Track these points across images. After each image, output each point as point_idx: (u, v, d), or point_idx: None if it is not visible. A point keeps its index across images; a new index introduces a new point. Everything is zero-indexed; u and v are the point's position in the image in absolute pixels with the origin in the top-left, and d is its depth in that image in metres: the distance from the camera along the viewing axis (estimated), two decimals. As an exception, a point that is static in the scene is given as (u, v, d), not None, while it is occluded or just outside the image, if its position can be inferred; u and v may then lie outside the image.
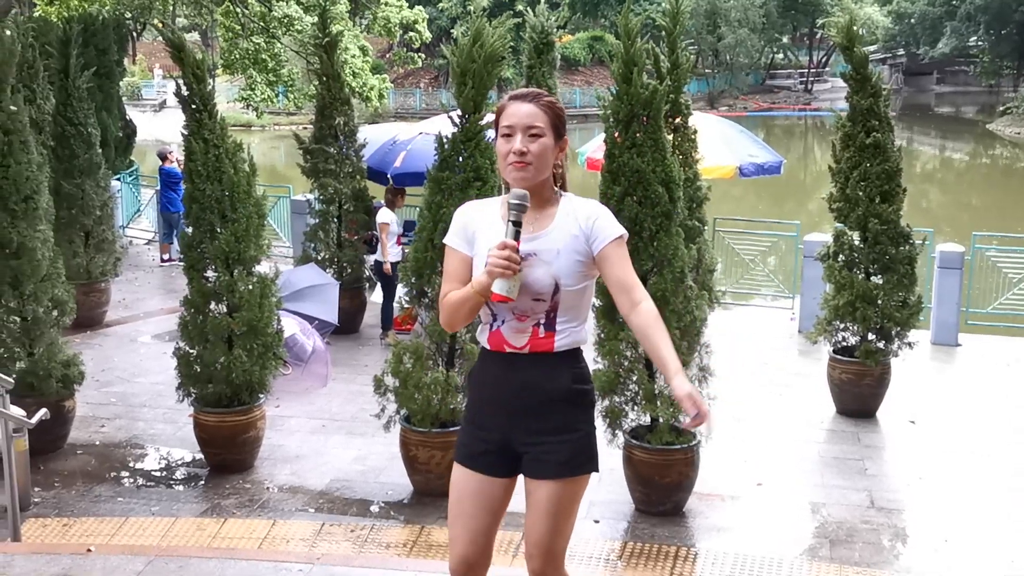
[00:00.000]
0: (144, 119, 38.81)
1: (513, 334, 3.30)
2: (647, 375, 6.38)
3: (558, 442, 3.31)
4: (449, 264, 3.38)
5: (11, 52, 7.42)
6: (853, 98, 8.52)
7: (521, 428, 3.33)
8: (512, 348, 3.31)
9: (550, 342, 3.29)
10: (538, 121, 3.24)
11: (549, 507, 3.32)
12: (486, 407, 3.40)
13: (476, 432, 3.41)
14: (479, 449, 3.39)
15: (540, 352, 3.30)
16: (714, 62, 67.90)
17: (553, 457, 3.31)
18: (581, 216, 3.29)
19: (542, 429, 3.32)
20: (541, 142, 3.23)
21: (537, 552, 3.37)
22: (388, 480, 7.18)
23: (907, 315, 8.39)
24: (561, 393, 3.32)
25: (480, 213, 3.37)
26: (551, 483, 3.31)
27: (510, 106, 3.28)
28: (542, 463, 3.32)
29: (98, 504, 6.83)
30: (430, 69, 57.38)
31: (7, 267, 7.36)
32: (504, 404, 3.34)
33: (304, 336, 9.50)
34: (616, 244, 3.27)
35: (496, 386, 3.36)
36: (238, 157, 7.18)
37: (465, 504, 3.40)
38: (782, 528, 6.54)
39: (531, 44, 12.88)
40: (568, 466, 3.32)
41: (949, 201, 32.26)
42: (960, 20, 65.10)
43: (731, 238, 14.17)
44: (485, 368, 3.42)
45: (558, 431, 3.32)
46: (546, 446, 3.31)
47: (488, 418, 3.39)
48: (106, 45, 18.71)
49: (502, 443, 3.36)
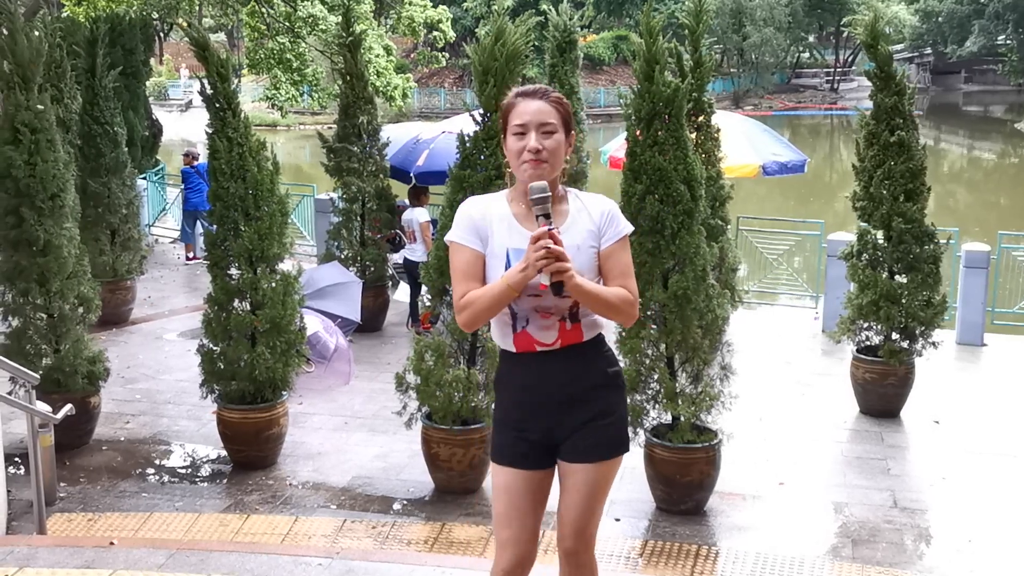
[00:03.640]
0: (170, 119, 39.15)
1: (541, 332, 3.31)
2: (668, 373, 6.37)
3: (598, 426, 3.38)
4: (460, 262, 3.32)
5: (38, 52, 7.50)
6: (877, 96, 8.48)
7: (565, 420, 3.37)
8: (544, 346, 3.33)
9: (579, 333, 3.33)
10: (550, 118, 3.25)
11: (588, 489, 3.39)
12: (525, 409, 3.40)
13: (516, 434, 3.41)
14: (522, 450, 3.40)
15: (572, 344, 3.33)
16: (739, 61, 67.63)
17: (593, 441, 3.38)
18: (595, 211, 3.35)
19: (585, 417, 3.37)
20: (555, 138, 3.25)
21: (572, 532, 3.42)
22: (409, 477, 7.21)
23: (931, 314, 8.32)
24: (600, 379, 3.39)
25: (489, 210, 3.34)
26: (591, 466, 3.38)
27: (519, 104, 3.27)
28: (583, 448, 3.37)
29: (123, 499, 6.90)
30: (454, 69, 57.47)
31: (34, 264, 7.44)
32: (546, 402, 3.36)
33: (327, 334, 9.54)
34: (623, 242, 3.36)
35: (534, 387, 3.37)
36: (262, 155, 7.22)
37: (521, 504, 3.41)
38: (804, 528, 6.52)
39: (554, 43, 12.90)
40: (607, 448, 3.41)
41: (976, 201, 31.99)
42: (988, 18, 64.50)
43: (755, 237, 14.12)
44: (515, 371, 3.41)
45: (599, 416, 3.38)
46: (587, 431, 3.37)
47: (529, 419, 3.40)
48: (133, 45, 18.85)
49: (544, 438, 3.40)
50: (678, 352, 6.38)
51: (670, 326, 6.25)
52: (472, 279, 3.29)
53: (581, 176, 11.50)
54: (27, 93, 7.45)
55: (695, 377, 6.42)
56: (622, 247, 3.35)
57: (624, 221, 3.38)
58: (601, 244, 3.32)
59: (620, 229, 3.35)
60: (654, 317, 6.36)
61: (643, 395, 6.47)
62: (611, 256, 3.33)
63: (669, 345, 6.34)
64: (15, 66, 7.39)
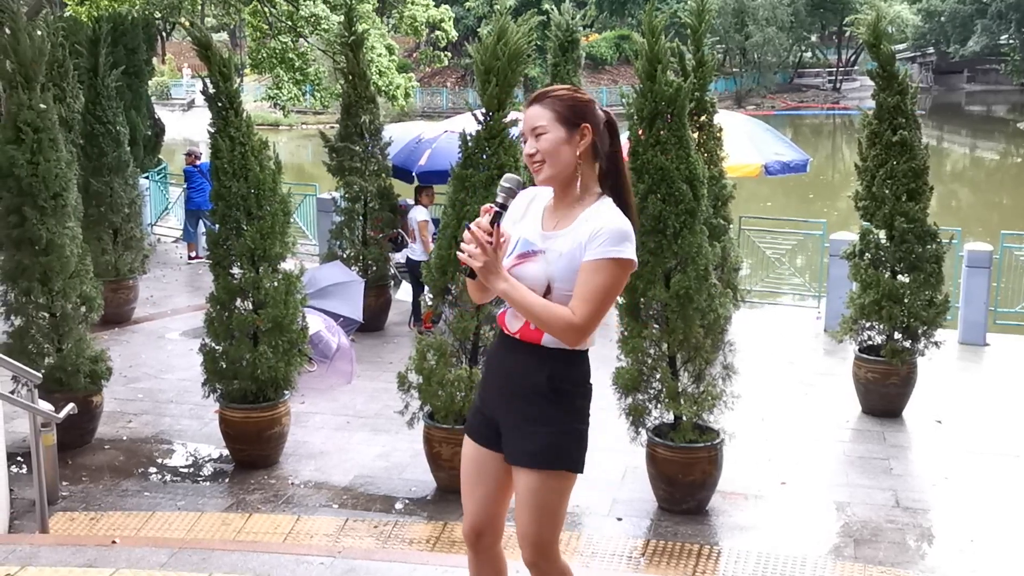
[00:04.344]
0: (173, 118, 39.18)
1: (511, 318, 3.35)
2: (670, 373, 6.37)
3: (531, 432, 3.29)
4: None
5: (41, 51, 7.50)
6: (879, 95, 8.47)
7: (504, 407, 3.38)
8: (508, 331, 3.37)
9: (539, 334, 3.27)
10: (540, 120, 3.22)
11: (527, 497, 3.32)
12: (487, 382, 3.50)
13: (478, 404, 3.52)
14: (478, 420, 3.48)
15: (528, 341, 3.31)
16: (742, 61, 67.59)
17: (523, 444, 3.31)
18: (594, 226, 3.18)
19: (523, 415, 3.32)
20: (546, 138, 3.21)
21: (523, 542, 3.38)
22: (412, 476, 7.21)
23: (934, 314, 8.32)
24: (535, 387, 3.28)
25: (530, 200, 3.39)
26: (525, 472, 3.31)
27: (525, 112, 3.30)
28: (513, 447, 3.35)
29: (125, 498, 6.91)
30: (457, 68, 57.45)
31: (36, 263, 7.44)
32: (494, 381, 3.44)
33: (329, 333, 9.54)
34: (599, 265, 3.14)
35: (492, 365, 3.49)
36: (264, 155, 7.23)
37: (469, 472, 3.50)
38: (806, 527, 6.51)
39: (556, 42, 12.89)
40: (536, 457, 3.28)
41: (979, 200, 31.95)
42: (991, 18, 64.41)
43: (757, 237, 14.11)
44: (494, 345, 3.56)
45: (533, 421, 3.30)
46: (520, 431, 3.32)
47: (485, 392, 3.49)
48: (135, 44, 18.87)
49: (490, 417, 3.43)
50: (680, 351, 6.38)
51: (672, 325, 6.25)
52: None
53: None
54: (30, 92, 7.45)
55: (697, 376, 6.42)
56: (596, 270, 3.13)
57: (617, 248, 3.14)
58: (583, 258, 3.18)
59: (604, 251, 3.13)
60: (656, 316, 6.36)
61: (645, 395, 6.47)
62: (581, 273, 3.16)
63: (671, 344, 6.34)
64: (18, 65, 7.39)
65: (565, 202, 3.28)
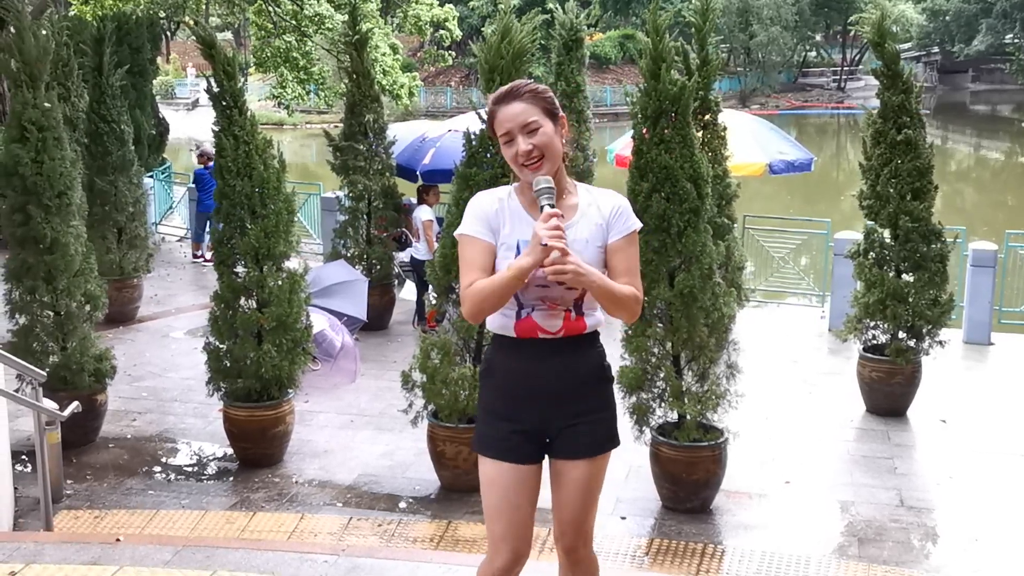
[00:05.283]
0: (177, 117, 39.22)
1: (547, 320, 3.29)
2: (674, 372, 6.36)
3: (592, 421, 3.38)
4: (470, 254, 3.27)
5: (45, 50, 7.51)
6: (884, 94, 8.45)
7: (559, 412, 3.34)
8: (546, 333, 3.30)
9: (582, 324, 3.33)
10: (531, 115, 3.20)
11: (584, 485, 3.38)
12: (519, 396, 3.35)
13: (506, 424, 3.35)
14: (514, 441, 3.35)
15: (574, 335, 3.32)
16: (746, 60, 67.49)
17: (588, 437, 3.38)
18: (605, 207, 3.32)
19: (578, 410, 3.36)
20: (542, 133, 3.20)
21: (571, 530, 3.42)
22: (416, 475, 7.21)
23: (938, 313, 8.30)
24: (594, 372, 3.40)
25: (500, 204, 3.30)
26: (586, 462, 3.37)
27: (499, 112, 3.23)
28: (578, 443, 3.36)
29: (129, 497, 6.91)
30: (461, 68, 57.42)
31: (41, 262, 7.45)
32: (542, 390, 3.33)
33: (333, 332, 9.55)
34: (631, 238, 3.33)
35: (531, 375, 3.33)
36: (268, 153, 7.23)
37: (513, 497, 3.35)
38: (810, 526, 6.51)
39: (560, 41, 12.89)
40: (602, 444, 3.41)
41: (983, 200, 31.91)
42: (996, 17, 64.28)
43: (761, 236, 14.10)
44: (512, 358, 3.36)
45: (592, 411, 3.39)
46: (580, 426, 3.36)
47: (522, 408, 3.35)
48: (140, 43, 18.89)
49: (535, 430, 3.36)
50: (684, 350, 6.38)
51: (676, 324, 6.25)
52: (481, 269, 3.24)
53: (587, 174, 11.51)
54: (34, 91, 7.46)
55: (701, 375, 6.41)
56: (629, 243, 3.32)
57: (633, 217, 3.35)
58: (609, 239, 3.29)
59: (629, 224, 3.32)
60: (660, 315, 6.36)
61: (649, 393, 6.46)
62: (618, 252, 3.30)
63: (675, 343, 6.33)
64: (22, 64, 7.40)
65: (557, 195, 3.25)
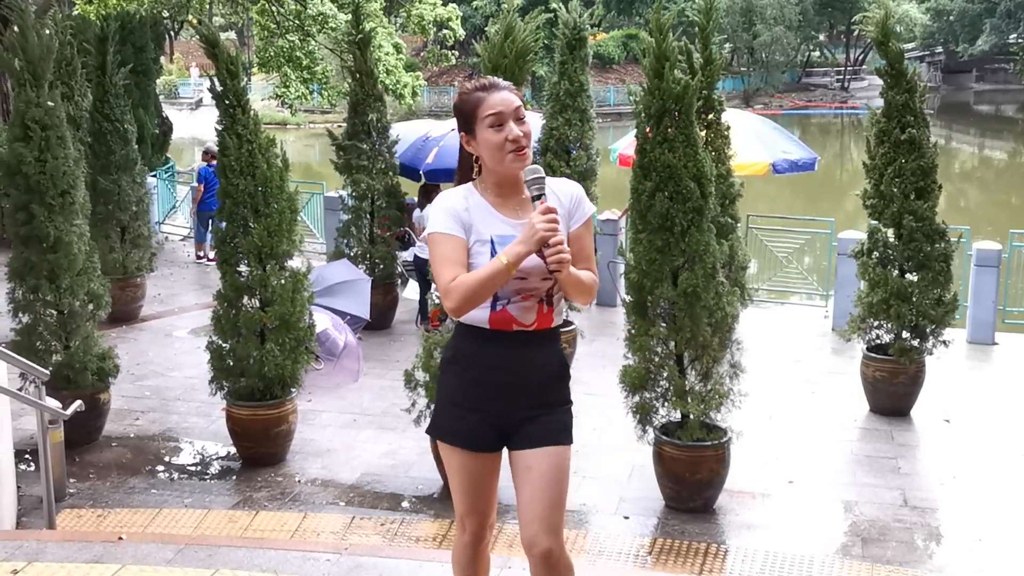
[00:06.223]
0: (180, 117, 39.24)
1: (522, 312, 3.33)
2: (677, 371, 6.35)
3: (552, 414, 3.43)
4: (445, 250, 3.27)
5: (49, 49, 7.51)
6: (888, 94, 8.44)
7: (523, 403, 3.39)
8: (520, 326, 3.34)
9: (550, 318, 3.39)
10: (519, 103, 3.29)
11: (552, 476, 3.36)
12: (485, 387, 3.39)
13: (471, 414, 3.40)
14: (478, 429, 3.41)
15: (543, 328, 3.38)
16: (750, 60, 67.47)
17: (550, 427, 3.41)
18: (563, 195, 3.40)
19: (541, 402, 3.42)
20: (527, 122, 3.28)
21: (543, 528, 3.34)
22: (418, 474, 7.21)
23: (942, 313, 8.29)
24: (558, 367, 3.47)
25: (468, 201, 3.33)
26: (551, 450, 3.38)
27: (488, 96, 3.25)
28: (542, 434, 3.38)
29: (132, 496, 6.92)
30: (464, 67, 57.42)
31: (44, 261, 7.46)
32: (508, 382, 3.37)
33: (336, 331, 9.55)
34: (588, 224, 3.44)
35: (500, 367, 3.36)
36: (271, 152, 7.23)
37: (474, 480, 3.47)
38: (814, 526, 6.50)
39: (563, 40, 12.87)
40: (562, 435, 3.43)
41: (987, 200, 31.88)
42: (1000, 17, 64.20)
43: (765, 235, 14.08)
44: (483, 350, 3.37)
45: (553, 404, 3.44)
46: (544, 418, 3.40)
47: (489, 398, 3.39)
48: (143, 43, 18.91)
49: (498, 420, 3.40)
50: (687, 350, 6.37)
51: (679, 324, 6.24)
52: (460, 264, 3.25)
53: (591, 174, 11.48)
54: (38, 90, 7.46)
55: (704, 375, 6.40)
56: (587, 229, 3.43)
57: (588, 202, 3.44)
58: (571, 227, 3.37)
59: (585, 211, 3.42)
60: (663, 314, 6.35)
61: (652, 392, 6.45)
62: (578, 239, 3.38)
63: (678, 343, 6.33)
64: (26, 63, 7.41)
65: (516, 188, 3.32)
